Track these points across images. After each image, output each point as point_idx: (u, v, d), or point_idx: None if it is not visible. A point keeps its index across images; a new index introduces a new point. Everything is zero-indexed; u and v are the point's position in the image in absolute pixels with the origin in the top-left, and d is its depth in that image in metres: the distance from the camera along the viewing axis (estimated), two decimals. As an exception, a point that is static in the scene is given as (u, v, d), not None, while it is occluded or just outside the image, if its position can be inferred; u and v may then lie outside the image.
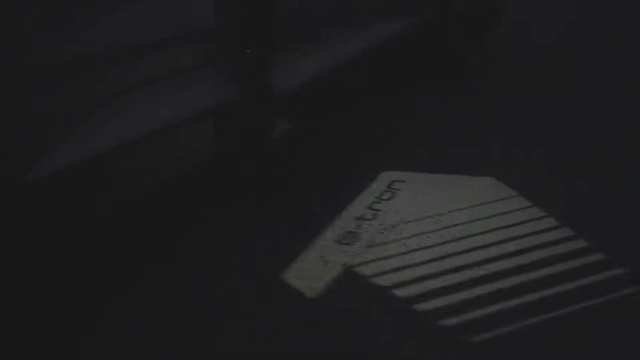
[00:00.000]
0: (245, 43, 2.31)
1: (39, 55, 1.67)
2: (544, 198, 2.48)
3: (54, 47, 1.70)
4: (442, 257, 2.14)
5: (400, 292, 1.99)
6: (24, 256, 2.07)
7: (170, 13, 2.02)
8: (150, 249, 2.26)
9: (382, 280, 2.04)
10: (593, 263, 2.10)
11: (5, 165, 1.63)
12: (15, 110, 1.63)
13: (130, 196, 2.06)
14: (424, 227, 2.30)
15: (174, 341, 1.83)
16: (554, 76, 3.76)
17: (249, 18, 2.31)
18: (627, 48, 4.26)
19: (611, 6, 5.22)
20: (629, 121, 3.14)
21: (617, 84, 3.62)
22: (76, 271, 2.15)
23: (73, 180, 1.80)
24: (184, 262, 2.17)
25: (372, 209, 2.42)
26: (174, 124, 2.08)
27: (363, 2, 3.04)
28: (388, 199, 2.48)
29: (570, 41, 4.39)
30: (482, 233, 2.26)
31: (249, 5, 2.31)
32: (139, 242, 2.30)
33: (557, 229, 2.27)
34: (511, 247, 2.18)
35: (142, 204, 2.47)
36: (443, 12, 3.46)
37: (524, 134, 3.04)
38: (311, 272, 2.08)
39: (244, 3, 2.28)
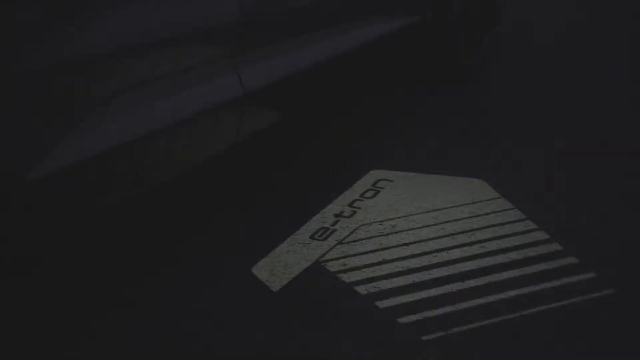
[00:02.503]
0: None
1: (39, 55, 1.67)
2: (543, 197, 2.48)
3: (54, 47, 1.70)
4: (409, 257, 2.14)
5: (362, 289, 1.99)
6: (24, 256, 2.07)
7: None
8: (150, 249, 2.27)
9: (348, 277, 2.04)
10: (588, 263, 2.10)
11: (5, 165, 1.63)
12: (15, 111, 1.63)
13: (131, 196, 2.06)
14: (396, 226, 2.30)
15: (174, 341, 1.83)
16: (554, 76, 3.76)
17: None
18: (627, 48, 4.25)
19: (611, 6, 5.22)
20: (629, 121, 3.14)
21: (617, 84, 3.62)
22: (76, 271, 2.15)
23: (73, 180, 1.80)
24: (184, 262, 2.18)
25: (352, 207, 2.43)
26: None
27: (363, 2, 3.04)
28: (370, 197, 2.49)
29: (570, 41, 4.39)
30: (462, 232, 2.26)
31: None
32: (139, 242, 2.30)
33: (555, 229, 2.27)
34: (491, 246, 2.18)
35: (142, 204, 2.47)
36: (443, 12, 3.46)
37: (523, 133, 3.04)
38: (282, 266, 2.08)
39: None
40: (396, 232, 2.28)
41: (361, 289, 2.00)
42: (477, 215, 2.36)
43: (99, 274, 2.14)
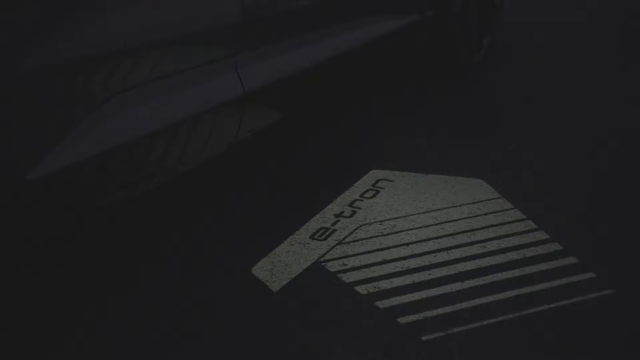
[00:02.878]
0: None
1: (39, 55, 1.67)
2: (543, 197, 2.48)
3: (54, 47, 1.70)
4: (409, 257, 2.14)
5: (362, 289, 1.99)
6: (24, 256, 2.07)
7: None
8: (150, 248, 2.27)
9: (347, 277, 2.04)
10: (588, 263, 2.10)
11: (5, 165, 1.63)
12: (15, 110, 1.63)
13: (131, 196, 2.06)
14: (396, 226, 2.30)
15: (174, 341, 1.83)
16: (553, 76, 3.77)
17: None
18: (627, 48, 4.26)
19: (611, 6, 5.22)
20: (629, 121, 3.14)
21: (617, 84, 3.62)
22: (76, 271, 2.15)
23: (73, 180, 1.80)
24: (183, 262, 2.18)
25: (352, 207, 2.43)
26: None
27: (363, 2, 3.04)
28: (370, 197, 2.49)
29: (570, 41, 4.39)
30: (461, 232, 2.26)
31: None
32: (139, 242, 2.30)
33: (555, 229, 2.27)
34: (491, 246, 2.18)
35: (142, 204, 2.47)
36: (443, 12, 3.46)
37: (524, 133, 3.04)
38: (282, 266, 2.08)
39: None
40: (396, 232, 2.28)
41: (361, 289, 2.00)
42: (477, 215, 2.36)
43: (99, 274, 2.14)
